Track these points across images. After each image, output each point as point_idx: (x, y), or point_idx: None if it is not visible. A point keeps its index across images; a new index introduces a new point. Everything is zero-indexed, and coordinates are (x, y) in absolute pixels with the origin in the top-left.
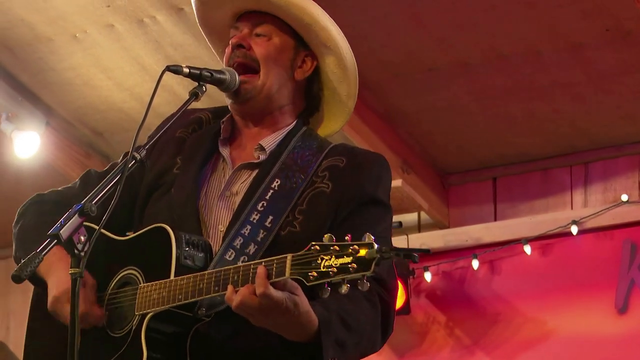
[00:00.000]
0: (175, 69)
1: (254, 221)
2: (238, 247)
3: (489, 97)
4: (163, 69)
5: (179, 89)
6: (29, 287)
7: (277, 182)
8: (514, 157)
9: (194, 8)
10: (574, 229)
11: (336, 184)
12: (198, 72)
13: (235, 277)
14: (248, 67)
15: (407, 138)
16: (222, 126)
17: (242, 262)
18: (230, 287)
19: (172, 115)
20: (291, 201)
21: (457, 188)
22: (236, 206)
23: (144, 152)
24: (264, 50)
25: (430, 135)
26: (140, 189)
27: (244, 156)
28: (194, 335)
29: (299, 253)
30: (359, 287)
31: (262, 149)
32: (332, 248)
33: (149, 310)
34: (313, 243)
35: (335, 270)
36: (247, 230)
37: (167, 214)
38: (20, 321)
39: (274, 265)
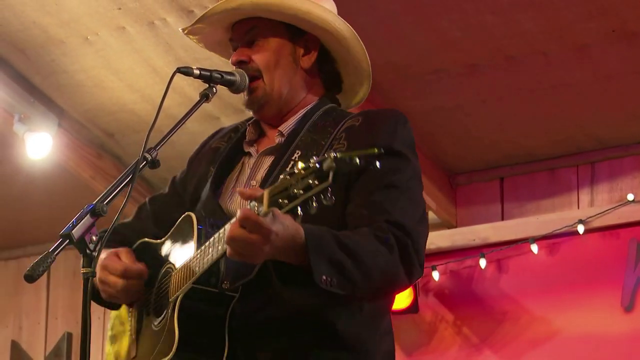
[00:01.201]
0: (185, 71)
1: None
2: None
3: (496, 97)
4: (174, 70)
5: (189, 90)
6: (41, 287)
7: (297, 153)
8: (521, 157)
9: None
10: (581, 228)
11: (350, 141)
12: (208, 73)
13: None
14: (253, 77)
15: (415, 138)
16: (247, 128)
17: None
18: (227, 237)
19: (207, 140)
20: None
21: (464, 188)
22: None
23: (155, 153)
24: (262, 58)
25: (438, 135)
26: (186, 203)
27: (265, 145)
28: (231, 314)
29: (274, 185)
30: (324, 202)
31: (281, 134)
32: (296, 172)
33: (177, 293)
34: (285, 171)
35: (301, 191)
36: None
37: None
38: (32, 320)
39: (256, 205)
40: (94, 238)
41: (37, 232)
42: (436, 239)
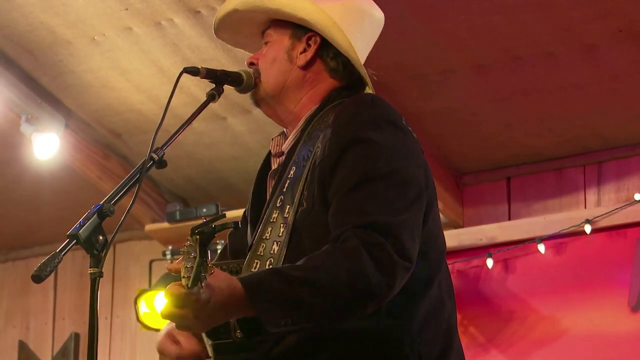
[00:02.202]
0: (192, 71)
1: (274, 220)
2: (261, 254)
3: (503, 98)
4: (180, 71)
5: (196, 90)
6: (48, 287)
7: (292, 169)
8: (528, 157)
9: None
10: (588, 228)
11: (322, 143)
12: (215, 73)
13: None
14: (257, 77)
15: (422, 139)
16: (271, 143)
17: (269, 265)
18: None
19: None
20: (302, 180)
21: (471, 188)
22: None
23: (162, 153)
24: (262, 58)
25: (445, 136)
26: None
27: (277, 164)
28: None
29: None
30: (206, 273)
31: (283, 154)
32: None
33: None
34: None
35: (191, 267)
36: (268, 232)
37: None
38: (40, 321)
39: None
40: (100, 238)
41: (45, 232)
42: None
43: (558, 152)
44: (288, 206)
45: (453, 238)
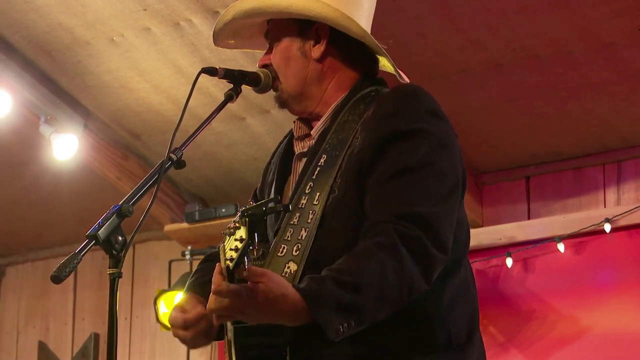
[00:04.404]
0: (210, 71)
1: (303, 206)
2: (289, 238)
3: (521, 97)
4: (198, 71)
5: (214, 90)
6: (68, 288)
7: (323, 157)
8: (547, 157)
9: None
10: (607, 227)
11: (365, 130)
12: (233, 74)
13: None
14: (275, 78)
15: None
16: (294, 126)
17: (297, 251)
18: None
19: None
20: (335, 168)
21: (490, 187)
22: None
23: (180, 154)
24: (275, 60)
25: (464, 135)
26: None
27: (306, 145)
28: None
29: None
30: (253, 257)
31: (312, 137)
32: (228, 232)
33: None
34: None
35: (233, 253)
36: (296, 218)
37: None
38: (59, 321)
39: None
40: (119, 239)
41: (64, 233)
42: None
43: (577, 151)
44: (318, 193)
45: (472, 237)
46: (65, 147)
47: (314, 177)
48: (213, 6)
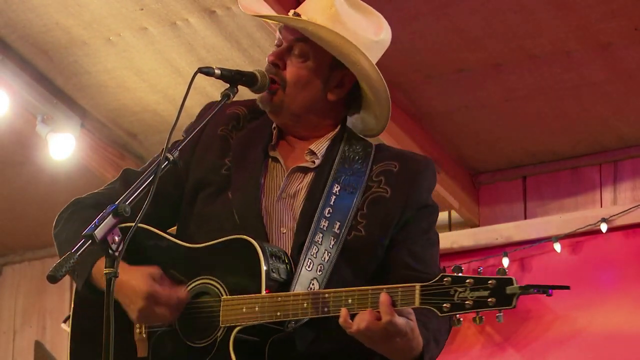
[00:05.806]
0: (207, 71)
1: (324, 228)
2: (315, 256)
3: (519, 97)
4: (195, 71)
5: (211, 90)
6: (64, 287)
7: (337, 187)
8: (544, 156)
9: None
10: (604, 227)
11: (395, 189)
12: (229, 73)
13: (350, 301)
14: (274, 81)
15: (438, 138)
16: (273, 132)
17: (319, 271)
18: (344, 310)
19: (203, 115)
20: (352, 206)
21: (487, 187)
22: (298, 209)
23: (176, 153)
24: (295, 74)
25: (461, 135)
26: (187, 185)
27: (293, 158)
28: (271, 343)
29: (427, 283)
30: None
31: (312, 153)
32: (467, 281)
33: (238, 324)
34: (443, 275)
35: (471, 303)
36: (319, 238)
37: (228, 217)
38: (56, 320)
39: (399, 293)
40: (116, 239)
41: None
42: (459, 238)
43: (574, 151)
44: (338, 223)
45: (469, 237)
46: (62, 146)
47: (331, 204)
48: (210, 6)
